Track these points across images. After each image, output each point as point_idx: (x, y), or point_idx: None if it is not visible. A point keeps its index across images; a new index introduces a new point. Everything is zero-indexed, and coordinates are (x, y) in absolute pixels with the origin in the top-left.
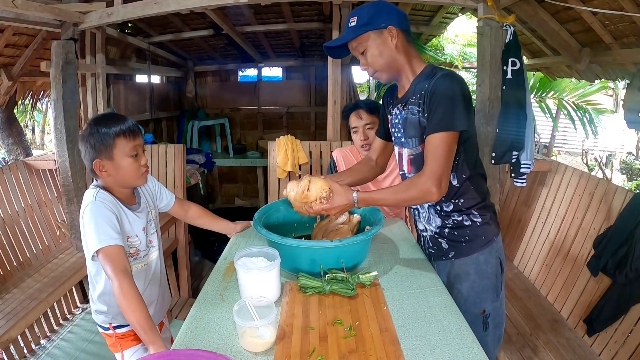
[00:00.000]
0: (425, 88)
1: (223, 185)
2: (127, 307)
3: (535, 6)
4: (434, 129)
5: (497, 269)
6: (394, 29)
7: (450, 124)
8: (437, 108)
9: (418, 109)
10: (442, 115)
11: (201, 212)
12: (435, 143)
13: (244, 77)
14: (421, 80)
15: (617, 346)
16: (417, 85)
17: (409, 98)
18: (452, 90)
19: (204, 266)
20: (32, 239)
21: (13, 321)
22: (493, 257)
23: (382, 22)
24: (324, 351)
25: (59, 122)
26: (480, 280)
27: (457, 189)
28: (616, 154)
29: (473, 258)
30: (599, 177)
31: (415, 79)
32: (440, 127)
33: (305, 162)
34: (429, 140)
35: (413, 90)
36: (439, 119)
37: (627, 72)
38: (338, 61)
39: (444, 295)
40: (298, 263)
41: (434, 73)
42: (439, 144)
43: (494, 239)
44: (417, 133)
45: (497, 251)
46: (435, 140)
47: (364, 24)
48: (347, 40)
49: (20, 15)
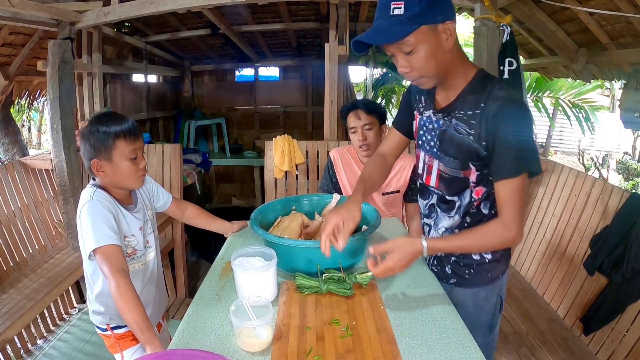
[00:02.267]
0: (481, 107)
1: (220, 184)
2: (124, 307)
3: (532, 6)
4: (510, 173)
5: (496, 307)
6: (452, 25)
7: (527, 166)
8: (509, 147)
9: (469, 131)
10: (517, 156)
11: (198, 212)
12: (512, 189)
13: (240, 77)
14: (472, 91)
15: (613, 345)
16: (468, 98)
17: (455, 110)
18: (526, 124)
19: (200, 266)
20: (29, 238)
21: (9, 321)
22: (494, 295)
23: (439, 14)
24: (321, 351)
25: (56, 121)
26: (476, 314)
27: (485, 218)
28: (612, 154)
29: (473, 292)
30: (595, 177)
31: (465, 88)
32: (517, 171)
33: (302, 162)
34: (505, 186)
35: (462, 102)
36: (514, 163)
37: (624, 73)
38: (335, 61)
39: (440, 295)
40: (295, 263)
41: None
42: (517, 190)
43: (500, 277)
44: (461, 156)
45: (500, 289)
46: (513, 186)
47: (416, 14)
48: (397, 39)
49: (17, 14)
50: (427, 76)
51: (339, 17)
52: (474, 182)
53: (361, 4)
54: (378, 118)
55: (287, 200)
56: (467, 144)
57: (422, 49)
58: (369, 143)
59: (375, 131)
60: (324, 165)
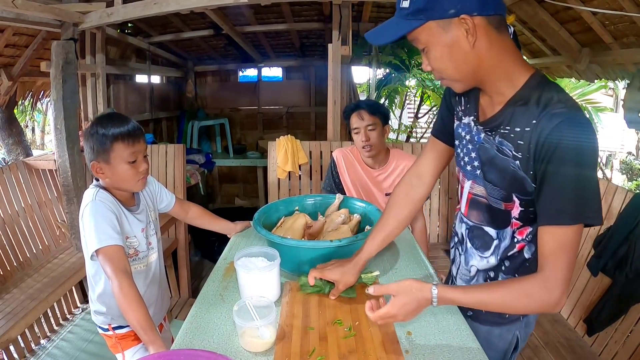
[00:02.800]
0: (533, 125)
1: (223, 185)
2: (127, 307)
3: (535, 6)
4: (562, 219)
5: (509, 346)
6: (471, 18)
7: (586, 214)
8: (564, 185)
9: (515, 154)
10: (576, 198)
11: (201, 213)
12: (562, 241)
13: (243, 77)
14: (523, 101)
15: (617, 346)
16: (517, 110)
17: (501, 125)
18: (590, 159)
19: (204, 266)
20: (32, 239)
21: (13, 321)
22: (510, 334)
23: (451, 7)
24: (324, 351)
25: (59, 122)
26: (487, 349)
27: (525, 263)
28: (616, 154)
29: (488, 328)
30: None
31: (512, 98)
32: (572, 218)
33: (305, 162)
34: (553, 235)
35: (510, 115)
36: (571, 206)
37: (627, 72)
38: (338, 61)
39: None
40: (298, 263)
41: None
42: (569, 243)
43: (520, 319)
44: (502, 183)
45: (519, 329)
46: (564, 237)
47: (420, 8)
48: (396, 37)
49: (20, 15)
50: (449, 79)
51: (341, 18)
52: (517, 218)
53: (364, 4)
54: (381, 118)
55: (290, 201)
56: (513, 171)
57: (434, 48)
58: (371, 144)
59: (378, 132)
60: (327, 166)
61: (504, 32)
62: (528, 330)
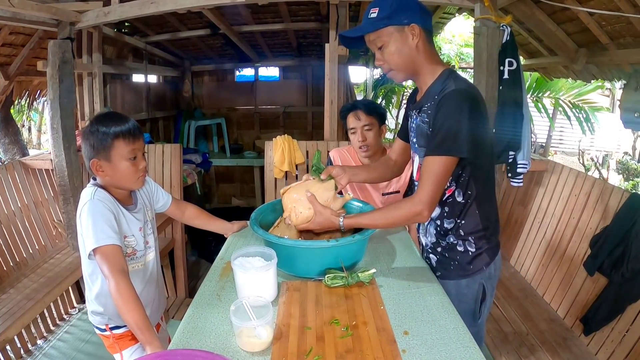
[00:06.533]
0: (435, 99)
1: (220, 185)
2: (124, 306)
3: (532, 6)
4: (433, 151)
5: (477, 294)
6: (417, 27)
7: (451, 148)
8: (440, 128)
9: (427, 120)
10: (444, 137)
11: (198, 212)
12: (432, 166)
13: (240, 77)
14: (435, 86)
15: (613, 345)
16: (431, 92)
17: (424, 104)
18: (458, 111)
19: (200, 266)
20: (29, 238)
21: (10, 321)
22: (476, 284)
23: (405, 17)
24: (321, 351)
25: (56, 121)
26: (458, 303)
27: (462, 207)
28: (612, 154)
29: (456, 281)
30: (595, 177)
31: (431, 85)
32: (440, 150)
33: (302, 162)
34: (427, 162)
35: (427, 96)
36: (440, 142)
37: (624, 73)
38: (335, 61)
39: (440, 295)
40: (295, 263)
41: (446, 83)
42: (436, 169)
43: (483, 268)
44: (425, 143)
45: (483, 278)
46: (433, 163)
47: (385, 17)
48: (365, 32)
49: (17, 14)
50: (395, 69)
51: (339, 17)
52: None
53: (361, 4)
54: (378, 119)
55: None
56: (426, 132)
57: (390, 45)
58: (368, 144)
59: (375, 132)
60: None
61: (431, 41)
62: (492, 282)
